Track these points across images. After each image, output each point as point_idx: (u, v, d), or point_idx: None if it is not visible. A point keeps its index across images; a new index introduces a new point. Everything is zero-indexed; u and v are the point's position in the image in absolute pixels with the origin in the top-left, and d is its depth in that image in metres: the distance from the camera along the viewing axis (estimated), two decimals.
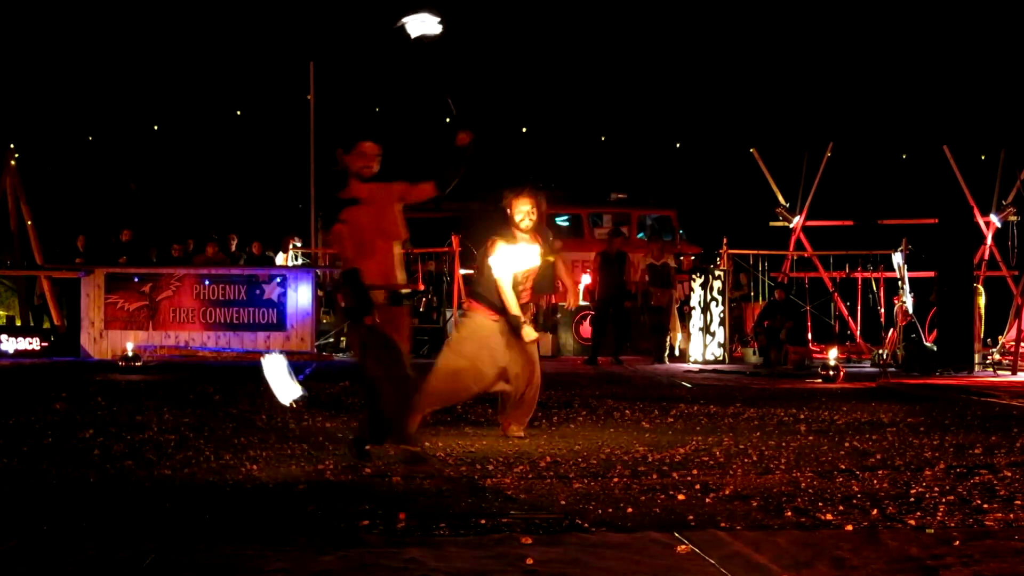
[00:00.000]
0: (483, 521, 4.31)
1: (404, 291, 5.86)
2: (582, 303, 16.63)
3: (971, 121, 24.37)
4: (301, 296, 14.77)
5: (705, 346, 15.36)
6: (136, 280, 14.79)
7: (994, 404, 9.18)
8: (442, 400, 6.71)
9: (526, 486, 5.12)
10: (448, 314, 15.35)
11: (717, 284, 15.35)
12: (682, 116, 26.70)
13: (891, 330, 15.07)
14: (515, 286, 6.58)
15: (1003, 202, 16.82)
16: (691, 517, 4.44)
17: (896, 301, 15.12)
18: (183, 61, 26.37)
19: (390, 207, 5.81)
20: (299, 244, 17.67)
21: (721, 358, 15.18)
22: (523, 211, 6.68)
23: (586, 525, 4.30)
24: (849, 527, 4.27)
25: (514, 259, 6.57)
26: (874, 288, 16.61)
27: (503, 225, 6.71)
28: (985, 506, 4.70)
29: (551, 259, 7.19)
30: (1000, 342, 15.30)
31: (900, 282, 15.07)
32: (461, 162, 5.81)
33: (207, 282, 14.78)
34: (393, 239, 5.81)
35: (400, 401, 5.70)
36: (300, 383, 6.06)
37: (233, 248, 17.39)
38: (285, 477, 5.33)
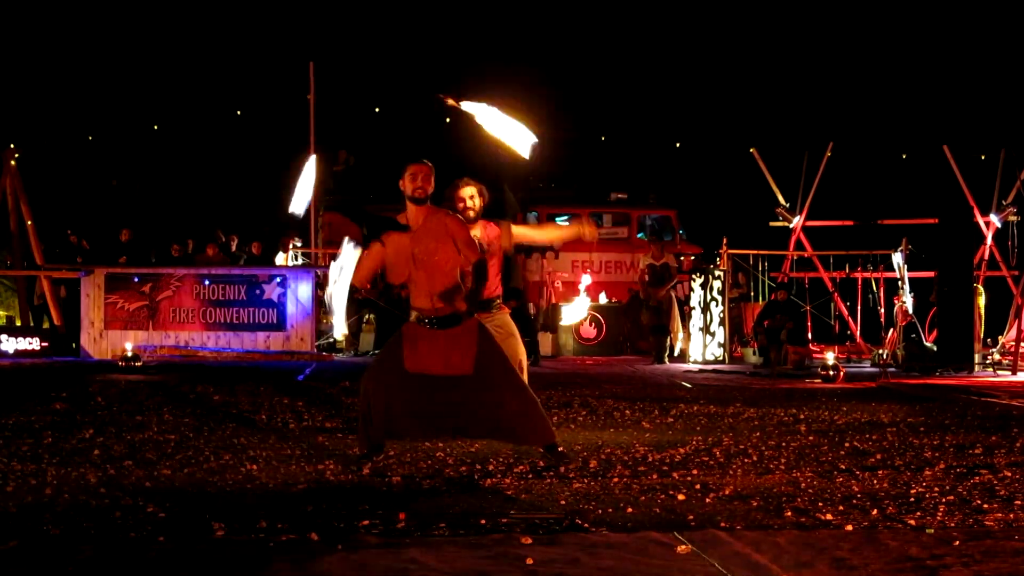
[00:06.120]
0: (483, 521, 4.31)
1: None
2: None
3: (971, 121, 24.34)
4: (301, 296, 14.77)
5: (705, 346, 15.35)
6: (136, 280, 14.79)
7: (994, 404, 9.18)
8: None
9: (526, 486, 5.12)
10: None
11: (717, 284, 15.35)
12: (682, 116, 26.67)
13: (891, 330, 15.07)
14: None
15: (1003, 202, 16.82)
16: (691, 517, 4.44)
17: (896, 301, 15.12)
18: (183, 61, 26.36)
19: (444, 243, 5.52)
20: (299, 244, 17.67)
21: (721, 358, 15.17)
22: (464, 197, 6.21)
23: (586, 525, 4.29)
24: (849, 527, 4.27)
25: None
26: (874, 288, 16.60)
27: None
28: (985, 506, 4.70)
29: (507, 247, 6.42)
30: (1000, 342, 15.31)
31: (900, 282, 15.06)
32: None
33: (207, 282, 14.78)
34: (436, 272, 5.53)
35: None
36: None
37: (233, 248, 17.39)
38: (285, 477, 5.33)
